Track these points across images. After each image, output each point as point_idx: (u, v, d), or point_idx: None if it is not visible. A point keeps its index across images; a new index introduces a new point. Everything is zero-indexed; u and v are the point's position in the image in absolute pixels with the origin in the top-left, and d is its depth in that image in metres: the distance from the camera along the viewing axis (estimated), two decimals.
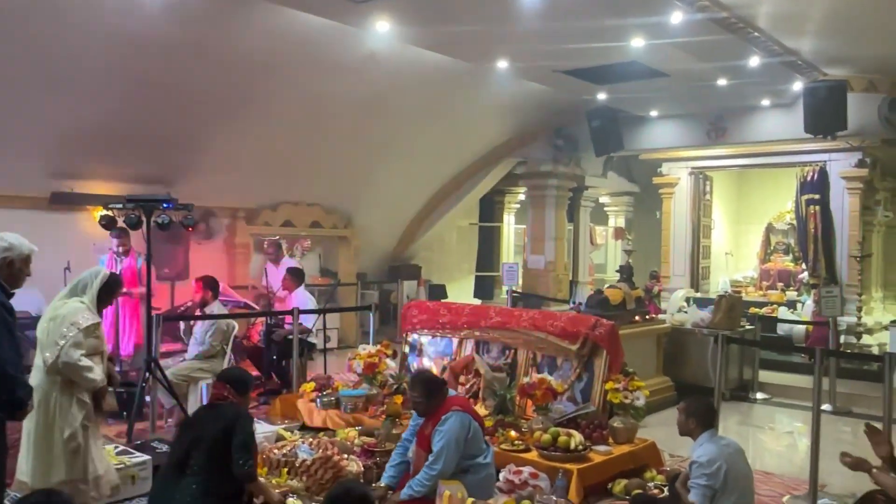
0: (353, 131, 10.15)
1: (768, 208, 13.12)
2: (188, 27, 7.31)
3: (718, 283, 12.78)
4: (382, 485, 4.47)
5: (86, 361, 4.01)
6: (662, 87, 8.79)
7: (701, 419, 4.24)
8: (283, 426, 6.35)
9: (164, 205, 5.91)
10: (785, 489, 5.39)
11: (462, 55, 7.83)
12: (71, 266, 7.89)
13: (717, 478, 4.01)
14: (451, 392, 4.66)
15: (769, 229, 12.95)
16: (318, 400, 6.44)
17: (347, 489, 3.09)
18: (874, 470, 3.56)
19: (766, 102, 9.56)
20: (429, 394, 4.41)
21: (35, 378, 4.00)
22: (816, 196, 10.50)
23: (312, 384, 6.72)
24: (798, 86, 8.93)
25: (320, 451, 4.97)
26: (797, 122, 9.00)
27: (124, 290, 6.99)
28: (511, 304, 10.74)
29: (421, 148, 11.26)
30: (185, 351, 7.00)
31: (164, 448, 5.20)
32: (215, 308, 6.85)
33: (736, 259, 13.79)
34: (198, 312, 6.83)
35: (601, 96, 9.42)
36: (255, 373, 8.12)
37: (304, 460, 4.76)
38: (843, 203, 10.38)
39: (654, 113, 10.47)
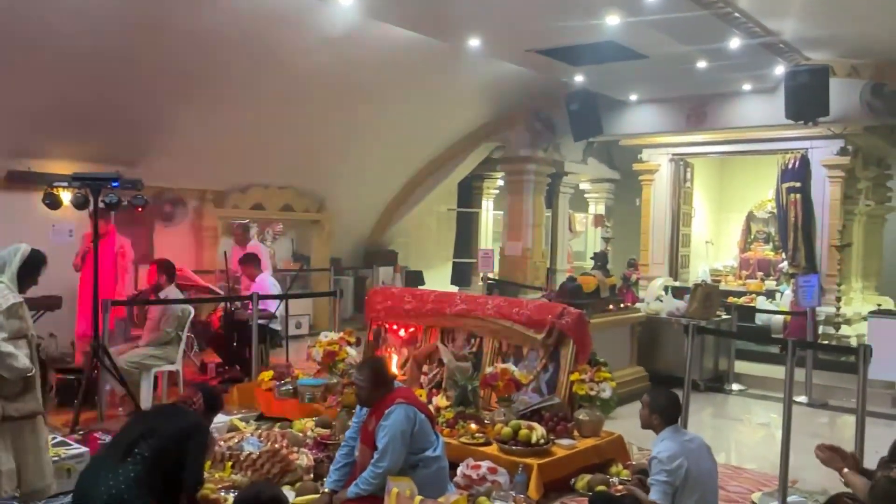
0: (326, 112, 9.86)
1: (749, 196, 12.92)
2: (146, 1, 7.00)
3: (698, 272, 12.60)
4: (326, 490, 4.23)
5: (7, 347, 3.74)
6: (641, 70, 8.55)
7: (664, 413, 4.03)
8: (239, 416, 6.12)
9: (112, 183, 5.61)
10: (755, 485, 5.20)
11: (431, 31, 7.54)
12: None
13: (678, 475, 3.81)
14: (398, 384, 4.42)
15: (750, 218, 12.77)
16: (276, 389, 6.21)
17: (257, 492, 2.85)
18: (845, 470, 3.36)
19: (747, 87, 9.33)
20: (374, 382, 4.17)
21: None
22: (797, 184, 10.30)
23: (271, 373, 6.48)
24: (780, 70, 8.70)
25: (269, 443, 4.74)
26: (778, 108, 8.77)
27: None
28: (486, 292, 10.52)
29: (397, 130, 10.98)
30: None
31: (108, 439, 4.95)
32: (170, 293, 6.57)
33: (716, 248, 13.61)
34: (152, 297, 6.55)
35: (579, 79, 9.16)
36: (216, 360, 7.92)
37: (249, 453, 4.52)
38: (825, 191, 10.18)
39: (633, 97, 10.22)
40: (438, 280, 13.58)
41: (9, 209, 8.19)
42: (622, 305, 8.23)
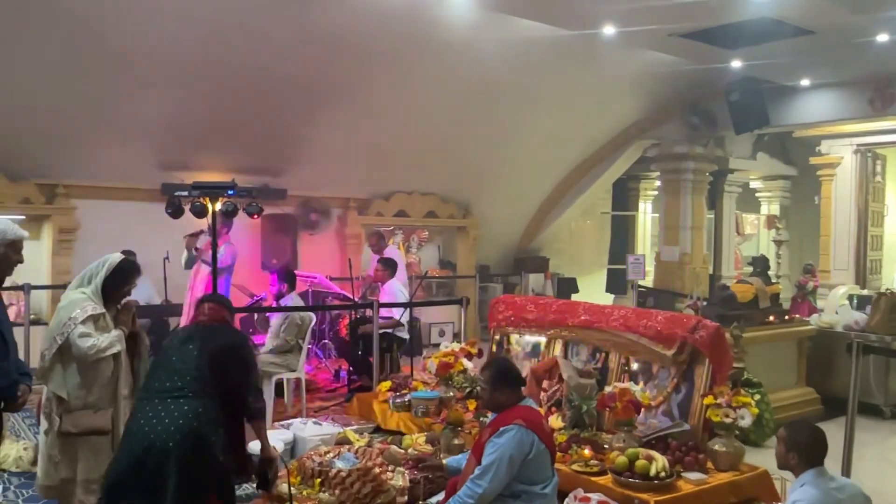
0: (465, 116, 9.61)
1: None
2: (287, 14, 7.11)
3: (893, 279, 11.02)
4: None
5: (93, 341, 3.62)
6: (808, 49, 7.50)
7: (803, 453, 3.29)
8: (355, 427, 5.94)
9: (229, 192, 5.65)
10: None
11: (559, 21, 7.04)
12: (169, 256, 7.97)
13: None
14: (528, 402, 3.95)
15: None
16: (391, 401, 5.98)
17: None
18: None
19: None
20: (494, 384, 3.75)
21: None
22: None
23: (389, 383, 6.26)
24: None
25: (363, 461, 4.48)
26: None
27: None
28: (636, 302, 9.78)
29: (541, 131, 10.50)
30: None
31: None
32: (291, 300, 6.55)
33: None
34: (273, 305, 6.57)
35: (736, 64, 8.23)
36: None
37: (339, 471, 4.27)
38: None
39: (804, 82, 9.05)
40: (593, 288, 12.94)
41: (164, 220, 8.66)
42: (787, 318, 7.22)
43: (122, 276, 3.88)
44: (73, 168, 8.27)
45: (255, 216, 6.00)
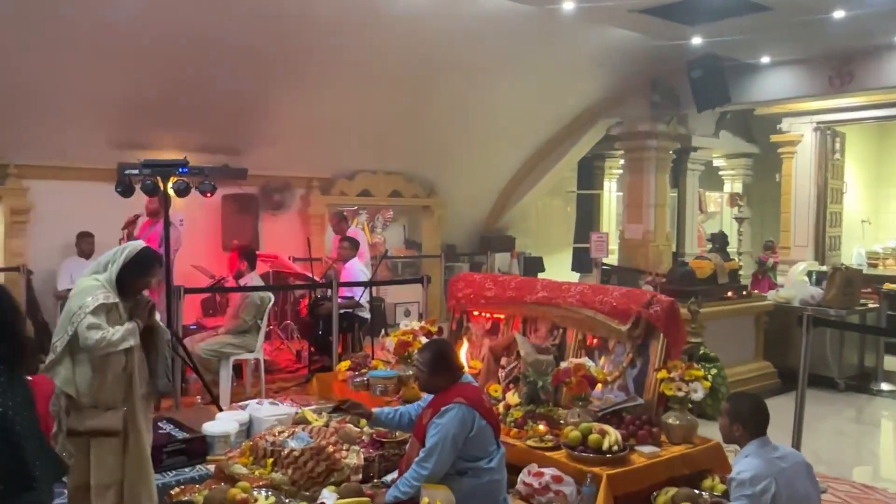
0: (429, 94, 9.52)
1: None
2: None
3: (852, 255, 11.20)
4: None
5: (102, 333, 3.32)
6: (768, 25, 7.52)
7: (747, 423, 3.33)
8: (314, 407, 5.90)
9: (181, 170, 5.53)
10: None
11: None
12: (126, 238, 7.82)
13: (762, 501, 3.11)
14: (468, 378, 3.95)
15: None
16: (350, 380, 5.93)
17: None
18: None
19: None
20: (433, 367, 3.74)
21: None
22: None
23: (348, 363, 6.21)
24: None
25: (317, 440, 4.44)
26: None
27: None
28: (600, 280, 9.82)
29: (506, 109, 10.45)
30: None
31: (169, 429, 4.86)
32: (251, 280, 6.47)
33: (875, 227, 12.03)
34: (233, 284, 6.48)
35: (697, 41, 8.23)
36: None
37: (291, 450, 4.23)
38: None
39: (765, 59, 9.09)
40: (559, 266, 12.97)
41: (121, 200, 8.49)
42: (745, 293, 7.30)
43: (141, 266, 3.55)
44: (25, 148, 8.03)
45: (209, 194, 5.89)
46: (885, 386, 7.29)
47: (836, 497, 4.46)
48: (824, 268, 10.21)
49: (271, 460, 4.22)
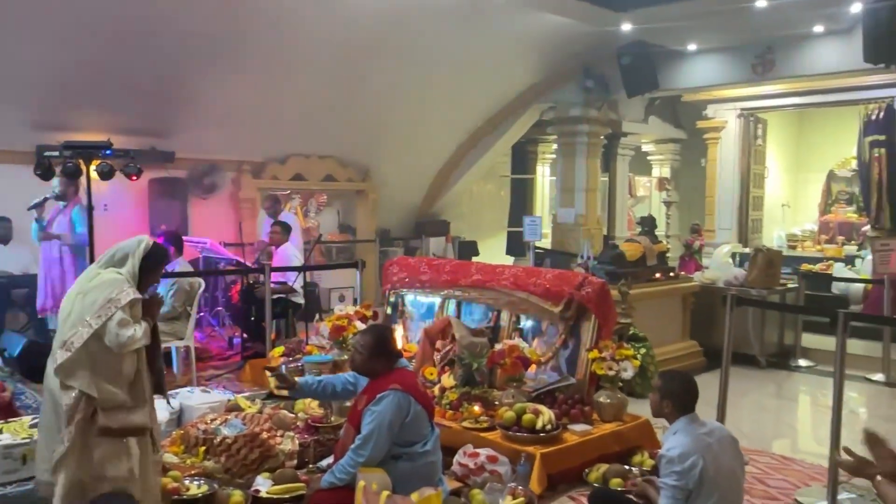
0: (361, 77, 9.40)
1: (830, 154, 11.81)
2: None
3: (773, 238, 11.64)
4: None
5: (133, 330, 3.18)
6: (694, 14, 7.70)
7: (676, 400, 3.41)
8: (247, 394, 5.82)
9: (105, 152, 5.33)
10: (804, 478, 4.52)
11: None
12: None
13: (691, 476, 3.19)
14: (404, 364, 3.95)
15: (830, 177, 11.68)
16: (283, 366, 5.85)
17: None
18: (878, 478, 2.69)
19: (819, 29, 8.29)
20: (372, 351, 3.72)
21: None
22: (882, 137, 9.26)
23: (282, 349, 6.14)
24: (856, 7, 7.66)
25: (251, 426, 4.38)
26: (856, 51, 7.77)
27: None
28: (534, 263, 9.94)
29: (439, 94, 10.42)
30: None
31: None
32: (178, 266, 6.30)
33: (794, 211, 12.53)
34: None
35: (626, 27, 8.36)
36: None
37: (224, 438, 4.16)
38: None
39: (692, 47, 9.30)
40: (494, 250, 13.08)
41: (41, 184, 8.14)
42: (673, 275, 7.51)
43: (157, 261, 3.45)
44: None
45: (134, 177, 5.71)
46: (803, 362, 7.62)
47: (758, 469, 4.64)
48: (747, 250, 10.60)
49: (203, 448, 4.15)
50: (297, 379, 3.98)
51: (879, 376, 7.04)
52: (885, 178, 9.17)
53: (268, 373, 4.01)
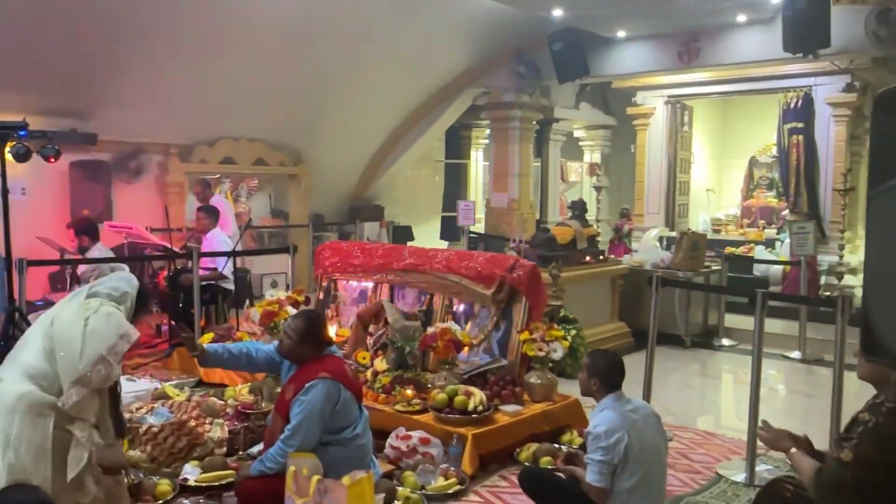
0: (291, 60, 9.25)
1: (753, 140, 12.21)
2: None
3: (698, 222, 11.98)
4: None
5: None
6: (622, 1, 7.82)
7: (603, 378, 3.49)
8: (175, 382, 5.70)
9: (20, 133, 5.10)
10: (725, 452, 4.69)
11: None
12: None
13: (616, 452, 3.28)
14: (334, 350, 3.92)
15: (752, 163, 12.08)
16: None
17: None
18: (793, 450, 2.82)
19: (741, 18, 8.54)
20: (302, 336, 3.67)
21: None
22: (800, 124, 9.63)
23: (211, 335, 6.00)
24: None
25: (178, 414, 4.29)
26: (777, 41, 8.02)
27: None
28: (468, 247, 9.99)
29: (372, 78, 10.34)
30: None
31: None
32: (98, 253, 6.09)
33: (719, 196, 12.93)
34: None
35: (558, 13, 8.44)
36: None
37: (150, 427, 4.06)
38: (829, 132, 9.49)
39: (620, 33, 9.46)
40: (428, 235, 13.08)
41: None
42: (602, 258, 7.66)
43: (145, 303, 3.40)
44: None
45: (52, 159, 5.47)
46: (725, 341, 7.90)
47: (682, 444, 4.80)
48: (674, 234, 10.89)
49: (128, 438, 4.03)
50: (205, 346, 3.85)
51: (796, 354, 7.35)
52: (803, 164, 9.54)
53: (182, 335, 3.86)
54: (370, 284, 6.02)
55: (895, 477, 2.45)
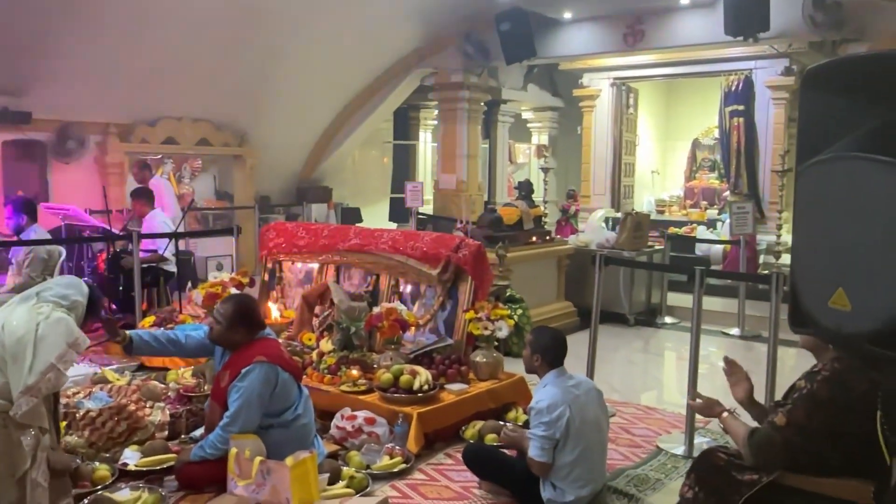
0: (234, 38, 9.05)
1: (696, 123, 12.43)
2: None
3: (643, 203, 12.18)
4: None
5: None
6: None
7: (547, 355, 3.55)
8: (115, 367, 5.56)
9: None
10: (665, 426, 4.80)
11: None
12: None
13: (558, 426, 3.34)
14: (268, 333, 3.86)
15: (696, 145, 12.32)
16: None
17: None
18: (724, 415, 2.91)
19: (685, 1, 8.68)
20: (233, 321, 3.63)
21: None
22: (741, 107, 9.87)
23: (152, 318, 5.89)
24: None
25: (117, 399, 4.20)
26: (719, 25, 8.18)
27: None
28: (417, 228, 9.98)
29: (317, 57, 10.18)
30: None
31: None
32: (34, 233, 5.90)
33: (663, 177, 13.14)
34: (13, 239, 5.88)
35: None
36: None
37: (87, 411, 3.96)
38: (768, 115, 9.75)
39: (567, 15, 9.51)
40: (377, 217, 13.02)
41: None
42: (548, 238, 7.73)
43: (95, 309, 3.30)
44: None
45: None
46: (668, 319, 8.07)
47: (624, 419, 4.90)
48: (619, 214, 11.06)
49: (64, 423, 3.93)
50: (129, 333, 3.77)
51: (735, 330, 7.55)
52: (743, 146, 9.78)
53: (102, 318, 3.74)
54: (316, 265, 5.97)
55: (821, 441, 2.54)
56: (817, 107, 2.21)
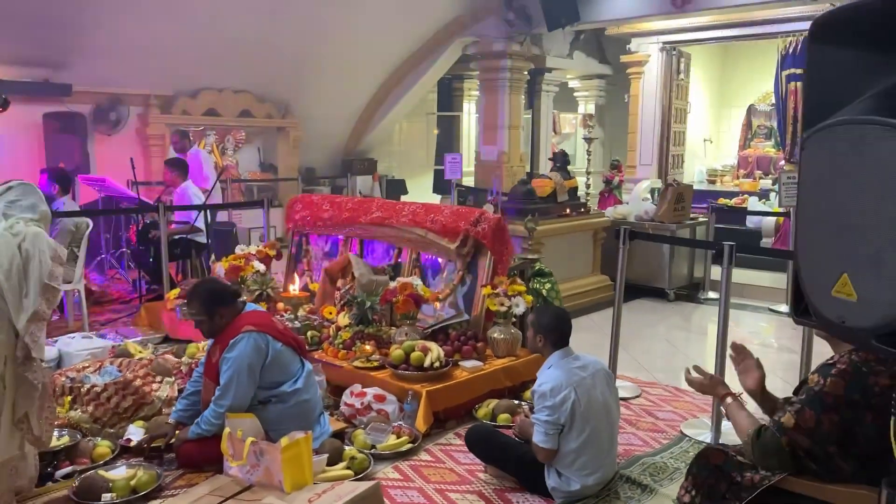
0: (278, 8, 8.98)
1: (752, 88, 11.86)
2: None
3: (694, 173, 11.73)
4: (171, 421, 3.68)
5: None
6: None
7: (550, 335, 3.36)
8: (139, 339, 5.60)
9: None
10: (693, 410, 4.56)
11: None
12: None
13: (563, 411, 3.16)
14: (253, 306, 3.78)
15: (751, 111, 11.75)
16: (179, 308, 5.64)
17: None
18: (728, 400, 2.69)
19: None
20: (210, 310, 3.53)
21: None
22: (798, 71, 9.27)
23: (178, 290, 5.90)
24: None
25: (126, 373, 4.19)
26: None
27: None
28: (457, 201, 9.81)
29: (362, 28, 10.03)
30: None
31: None
32: (63, 205, 5.96)
33: (717, 146, 12.63)
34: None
35: None
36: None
37: (92, 386, 3.95)
38: None
39: None
40: (422, 189, 12.90)
41: None
42: (583, 210, 7.47)
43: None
44: None
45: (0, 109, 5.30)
46: (711, 294, 7.73)
47: (649, 400, 4.67)
48: None
49: (69, 398, 3.94)
50: (170, 420, 3.69)
51: (784, 307, 7.18)
52: (801, 112, 9.24)
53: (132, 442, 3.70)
54: (341, 238, 5.87)
55: (832, 445, 2.31)
56: (827, 63, 1.94)
